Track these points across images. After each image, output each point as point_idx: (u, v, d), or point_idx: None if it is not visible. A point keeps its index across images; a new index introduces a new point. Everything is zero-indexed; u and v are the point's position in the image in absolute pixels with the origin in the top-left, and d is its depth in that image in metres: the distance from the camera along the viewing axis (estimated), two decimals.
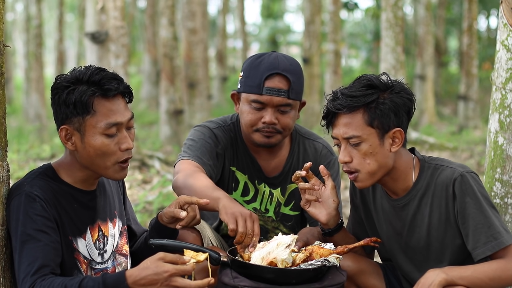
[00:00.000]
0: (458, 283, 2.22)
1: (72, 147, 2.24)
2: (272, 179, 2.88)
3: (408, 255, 2.47)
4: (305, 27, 12.49)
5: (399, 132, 2.33)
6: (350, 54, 27.01)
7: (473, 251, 2.29)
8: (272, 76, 2.68)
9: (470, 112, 12.46)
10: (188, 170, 2.62)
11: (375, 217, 2.54)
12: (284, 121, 2.71)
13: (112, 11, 7.29)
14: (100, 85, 2.20)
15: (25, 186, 2.18)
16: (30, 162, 7.85)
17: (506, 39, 2.74)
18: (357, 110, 2.31)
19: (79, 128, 2.21)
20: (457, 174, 2.31)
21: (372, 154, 2.32)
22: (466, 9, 12.40)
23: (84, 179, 2.30)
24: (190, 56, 11.24)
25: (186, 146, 2.78)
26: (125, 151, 2.25)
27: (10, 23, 25.61)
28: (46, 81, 14.39)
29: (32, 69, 13.73)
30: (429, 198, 2.38)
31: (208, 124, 2.86)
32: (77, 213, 2.27)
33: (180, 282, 2.02)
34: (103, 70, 2.25)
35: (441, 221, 2.36)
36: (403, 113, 2.34)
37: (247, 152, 2.85)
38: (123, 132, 2.25)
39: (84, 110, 2.19)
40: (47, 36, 30.52)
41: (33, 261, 2.08)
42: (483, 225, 2.26)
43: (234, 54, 30.56)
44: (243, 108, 2.75)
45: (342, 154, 2.36)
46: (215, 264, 2.30)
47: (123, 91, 2.25)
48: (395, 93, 2.33)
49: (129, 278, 2.01)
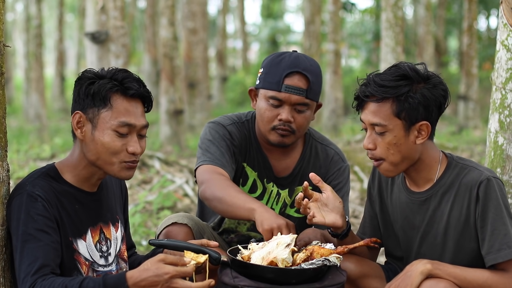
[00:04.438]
0: (443, 277, 2.22)
1: (81, 136, 2.24)
2: (281, 179, 2.88)
3: (421, 251, 2.45)
4: (305, 27, 12.49)
5: (426, 125, 2.31)
6: (350, 54, 26.99)
7: (485, 256, 2.28)
8: (292, 74, 2.68)
9: (470, 112, 12.46)
10: (214, 180, 2.61)
11: (391, 210, 2.53)
12: (299, 120, 2.72)
13: (112, 11, 7.29)
14: (122, 83, 2.23)
15: (27, 186, 2.18)
16: (30, 162, 7.84)
17: (506, 39, 2.74)
18: (386, 100, 2.29)
19: (92, 119, 2.22)
20: (484, 177, 2.29)
21: (396, 145, 2.31)
22: (466, 9, 12.40)
23: (87, 178, 2.30)
24: (190, 56, 11.24)
25: (203, 148, 2.76)
26: (132, 154, 2.24)
27: (10, 23, 25.61)
28: (46, 81, 14.39)
29: (32, 69, 13.72)
30: (451, 196, 2.36)
31: (222, 120, 2.85)
32: (78, 214, 2.27)
33: (181, 284, 2.02)
34: (128, 72, 2.29)
35: (460, 221, 2.35)
36: (433, 108, 2.31)
37: (259, 150, 2.86)
38: (134, 135, 2.25)
39: (101, 103, 2.21)
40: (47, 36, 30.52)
41: (33, 261, 2.07)
42: (499, 232, 2.25)
43: (234, 54, 30.57)
44: (260, 105, 2.75)
45: (367, 140, 2.35)
46: (215, 264, 2.30)
47: (143, 95, 2.27)
48: (428, 87, 2.30)
49: (130, 279, 2.01)
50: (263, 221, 2.37)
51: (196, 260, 2.14)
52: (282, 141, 2.74)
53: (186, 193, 6.47)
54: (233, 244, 2.83)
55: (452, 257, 2.38)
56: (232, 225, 2.92)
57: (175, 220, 2.66)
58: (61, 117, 17.41)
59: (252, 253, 2.30)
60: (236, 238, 2.92)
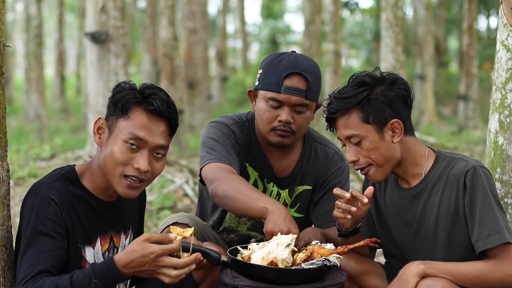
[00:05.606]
0: (438, 275, 2.23)
1: (98, 142, 2.25)
2: (281, 179, 2.88)
3: (416, 246, 2.47)
4: (305, 27, 12.50)
5: (397, 122, 2.36)
6: (350, 54, 27.01)
7: (475, 243, 2.30)
8: (291, 75, 2.68)
9: (470, 112, 12.47)
10: (224, 178, 2.58)
11: (384, 210, 2.55)
12: (299, 121, 2.72)
13: (112, 11, 7.29)
14: (145, 97, 2.22)
15: (43, 188, 2.17)
16: (30, 162, 7.84)
17: (506, 39, 2.74)
18: (351, 110, 2.35)
19: (110, 126, 2.23)
20: (470, 166, 2.33)
21: (375, 149, 2.35)
22: (466, 9, 12.41)
23: (103, 188, 2.28)
24: (190, 56, 11.24)
25: (208, 146, 2.74)
26: (136, 169, 2.19)
27: (10, 23, 25.61)
28: (46, 81, 14.39)
29: (32, 69, 13.73)
30: (440, 189, 2.39)
31: (224, 120, 2.85)
32: (90, 222, 2.25)
33: (167, 262, 2.02)
34: (160, 90, 2.26)
35: (450, 212, 2.37)
36: (398, 104, 2.36)
37: (260, 150, 2.86)
38: (145, 152, 2.21)
39: (120, 112, 2.21)
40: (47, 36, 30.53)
41: (33, 265, 2.06)
42: (487, 219, 2.28)
43: (234, 54, 30.57)
44: (260, 106, 2.75)
45: (348, 154, 2.40)
46: (215, 264, 2.30)
47: (166, 116, 2.23)
48: (387, 86, 2.36)
49: (118, 263, 2.01)
50: (268, 222, 2.37)
51: (182, 235, 2.12)
52: (282, 141, 2.74)
53: (186, 193, 6.47)
54: (233, 244, 2.83)
55: (445, 249, 2.39)
56: (233, 225, 2.92)
57: (176, 220, 2.65)
58: (61, 117, 17.43)
59: (252, 253, 2.30)
60: (236, 238, 2.92)
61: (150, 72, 17.39)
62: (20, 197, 6.14)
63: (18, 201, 5.90)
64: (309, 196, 2.89)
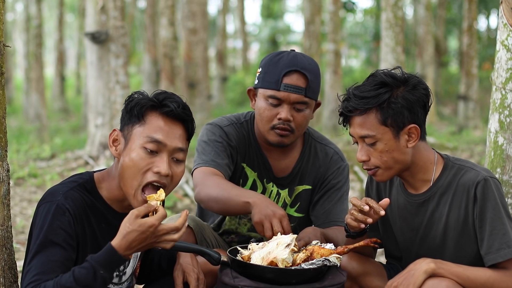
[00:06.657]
0: (446, 276, 2.22)
1: (116, 154, 2.20)
2: (281, 179, 2.88)
3: (421, 252, 2.45)
4: (305, 27, 12.49)
5: (415, 128, 2.32)
6: (350, 54, 27.01)
7: (485, 256, 2.29)
8: (290, 73, 2.69)
9: (470, 112, 12.46)
10: (207, 181, 2.61)
11: (389, 213, 2.53)
12: (299, 119, 2.72)
13: (112, 11, 7.29)
14: (160, 100, 2.19)
15: (59, 195, 2.14)
16: (30, 162, 7.84)
17: (506, 39, 2.74)
18: (370, 110, 2.30)
19: (126, 135, 2.19)
20: (481, 177, 2.30)
21: (389, 152, 2.32)
22: (466, 9, 12.40)
23: (119, 199, 2.24)
24: (190, 56, 11.23)
25: (199, 151, 2.77)
26: (156, 174, 2.14)
27: (10, 23, 25.61)
28: (46, 81, 14.39)
29: (32, 69, 13.73)
30: (449, 197, 2.37)
31: (219, 122, 2.85)
32: (103, 233, 2.22)
33: (166, 229, 2.03)
34: (173, 95, 2.24)
35: (459, 222, 2.35)
36: (418, 109, 2.32)
37: (259, 151, 2.86)
38: (164, 155, 2.16)
39: (136, 119, 2.18)
40: (47, 36, 30.52)
41: (39, 273, 2.03)
42: (498, 232, 2.26)
43: (234, 54, 30.58)
44: (259, 104, 2.75)
45: (360, 153, 2.36)
46: (215, 264, 2.30)
47: (183, 118, 2.20)
48: (408, 89, 2.31)
49: (120, 249, 2.01)
50: (254, 214, 2.39)
51: (159, 199, 2.11)
52: (281, 141, 2.74)
53: (186, 193, 6.48)
54: (234, 245, 2.83)
55: (453, 258, 2.37)
56: (233, 226, 2.92)
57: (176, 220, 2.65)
58: (61, 117, 17.43)
59: (252, 253, 2.29)
60: (237, 239, 2.92)
61: (150, 72, 17.39)
62: (20, 197, 6.14)
63: (18, 201, 5.91)
64: (308, 196, 2.89)
